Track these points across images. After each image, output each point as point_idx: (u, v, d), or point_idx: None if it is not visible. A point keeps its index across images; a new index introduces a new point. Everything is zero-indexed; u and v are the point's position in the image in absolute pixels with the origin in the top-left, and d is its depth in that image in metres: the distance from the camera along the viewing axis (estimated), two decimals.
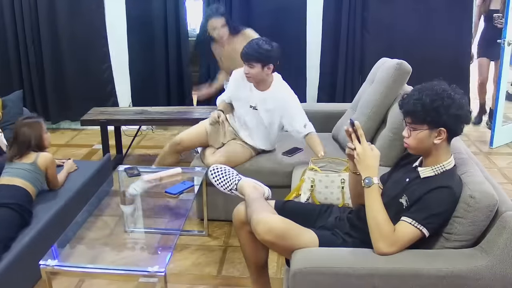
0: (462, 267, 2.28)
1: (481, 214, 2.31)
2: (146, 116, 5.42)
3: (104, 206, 3.65)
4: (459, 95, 2.40)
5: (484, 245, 2.33)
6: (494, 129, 6.01)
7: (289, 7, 6.24)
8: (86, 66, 6.64)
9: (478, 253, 2.32)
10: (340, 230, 2.68)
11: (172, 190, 3.63)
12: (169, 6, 6.30)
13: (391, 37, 6.20)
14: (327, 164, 3.43)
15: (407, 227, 2.33)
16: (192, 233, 4.13)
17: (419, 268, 2.30)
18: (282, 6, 6.25)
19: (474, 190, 2.33)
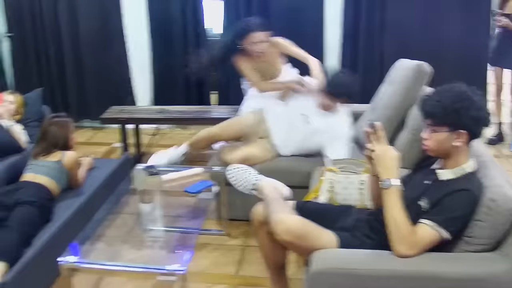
0: (482, 271, 2.28)
1: (502, 217, 2.29)
2: (166, 115, 5.45)
3: (123, 204, 3.68)
4: (478, 96, 2.39)
5: (505, 249, 2.32)
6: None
7: (307, 8, 6.22)
8: (105, 65, 6.68)
9: (499, 257, 2.31)
10: (359, 231, 2.67)
11: (191, 189, 3.64)
12: (187, 6, 6.32)
13: (410, 39, 6.15)
14: (346, 165, 3.42)
15: (427, 230, 2.32)
16: (211, 232, 4.14)
17: (438, 271, 2.29)
18: (299, 7, 6.22)
19: (494, 193, 2.32)
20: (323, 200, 3.32)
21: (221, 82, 6.54)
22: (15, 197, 3.52)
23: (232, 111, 5.39)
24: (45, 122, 4.03)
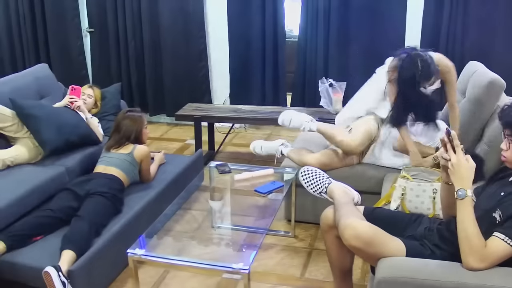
0: None
1: None
2: (240, 114, 5.49)
3: (193, 201, 3.72)
4: None
5: None
6: None
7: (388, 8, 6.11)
8: (184, 63, 6.75)
9: None
10: (428, 241, 2.62)
11: (261, 189, 3.64)
12: (267, 7, 6.33)
13: (489, 41, 5.91)
14: (419, 172, 3.37)
15: (499, 243, 2.25)
16: (278, 233, 4.15)
17: (509, 286, 2.22)
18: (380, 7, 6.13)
19: None
20: (394, 207, 3.29)
21: (296, 83, 6.52)
22: (87, 187, 3.63)
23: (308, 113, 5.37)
24: (119, 116, 4.13)
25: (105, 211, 3.53)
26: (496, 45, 5.76)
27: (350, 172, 4.01)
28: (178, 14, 6.61)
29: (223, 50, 6.67)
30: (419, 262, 2.44)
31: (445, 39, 5.93)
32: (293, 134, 4.45)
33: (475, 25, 5.80)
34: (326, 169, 3.83)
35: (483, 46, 5.86)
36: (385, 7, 6.06)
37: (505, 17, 5.72)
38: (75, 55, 7.03)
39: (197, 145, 5.44)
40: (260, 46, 6.50)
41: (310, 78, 6.39)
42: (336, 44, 6.25)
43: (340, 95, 5.24)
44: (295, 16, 6.51)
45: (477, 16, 5.81)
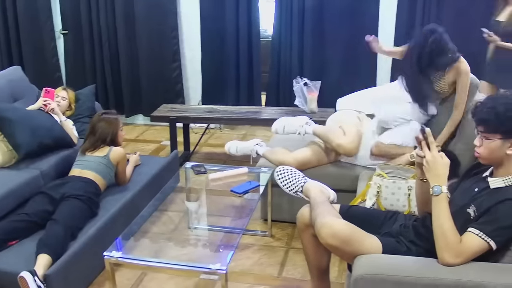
0: None
1: None
2: (215, 114, 5.47)
3: (170, 202, 3.70)
4: None
5: None
6: None
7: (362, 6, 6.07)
8: (158, 63, 6.72)
9: None
10: (404, 237, 2.63)
11: (237, 189, 3.64)
12: (241, 6, 6.32)
13: (467, 28, 5.91)
14: (394, 170, 3.38)
15: (474, 239, 2.27)
16: (255, 233, 4.14)
17: (484, 281, 2.23)
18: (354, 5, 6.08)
19: None
20: (370, 205, 3.30)
21: (271, 82, 6.52)
22: (62, 191, 3.60)
23: (283, 112, 5.39)
24: (94, 118, 4.11)
25: (81, 214, 3.51)
26: (472, 40, 5.78)
27: (326, 171, 4.02)
28: (152, 14, 6.55)
29: (197, 50, 6.64)
30: (395, 259, 2.45)
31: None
32: (269, 134, 4.45)
33: (449, 19, 5.81)
34: (304, 168, 3.84)
35: (458, 40, 5.90)
36: (359, 5, 6.07)
37: (482, 10, 5.75)
38: (49, 57, 6.95)
39: (172, 146, 5.42)
40: (234, 45, 6.48)
41: (284, 78, 6.39)
42: (310, 43, 6.25)
43: (315, 94, 5.25)
44: (269, 15, 6.50)
45: (452, 10, 5.84)
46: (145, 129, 6.97)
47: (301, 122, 4.11)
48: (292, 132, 4.12)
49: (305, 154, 4.02)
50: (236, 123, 6.54)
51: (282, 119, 4.19)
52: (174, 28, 6.58)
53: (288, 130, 4.13)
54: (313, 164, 4.01)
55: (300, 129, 4.07)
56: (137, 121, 7.20)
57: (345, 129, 4.03)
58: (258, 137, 4.71)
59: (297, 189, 3.18)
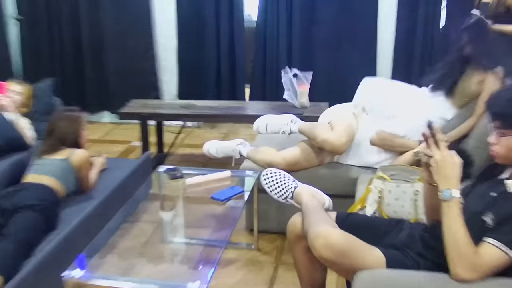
0: None
1: None
2: (193, 111, 5.44)
3: (141, 212, 3.68)
4: None
5: None
6: None
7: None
8: (128, 53, 6.71)
9: None
10: (411, 249, 2.61)
11: (218, 196, 3.62)
12: None
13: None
14: (398, 172, 3.36)
15: (492, 250, 2.24)
16: (239, 246, 4.13)
17: None
18: None
19: None
20: (371, 212, 3.28)
21: (256, 73, 6.51)
22: (14, 200, 3.50)
23: (269, 107, 5.36)
24: (53, 117, 4.05)
25: (36, 227, 3.42)
26: None
27: (319, 174, 4.02)
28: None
29: (172, 39, 6.62)
30: (401, 274, 2.43)
31: (423, 14, 5.98)
32: (254, 133, 4.44)
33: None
34: (294, 170, 3.83)
35: None
36: None
37: None
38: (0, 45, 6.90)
39: (144, 147, 5.39)
40: (215, 33, 6.49)
41: (271, 68, 6.41)
42: (300, 28, 6.27)
43: (306, 87, 5.23)
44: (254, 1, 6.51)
45: None
46: (113, 128, 6.94)
47: (286, 120, 4.11)
48: (276, 131, 4.11)
49: (295, 153, 4.01)
50: (217, 120, 6.51)
51: (265, 116, 4.19)
52: (147, 13, 6.55)
53: (271, 129, 4.13)
54: (305, 165, 4.00)
55: (285, 127, 4.07)
56: (103, 119, 7.18)
57: (334, 124, 4.05)
58: (242, 136, 4.69)
59: (286, 194, 3.15)
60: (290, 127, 4.07)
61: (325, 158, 4.07)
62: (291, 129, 4.07)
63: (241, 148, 4.22)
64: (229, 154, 4.29)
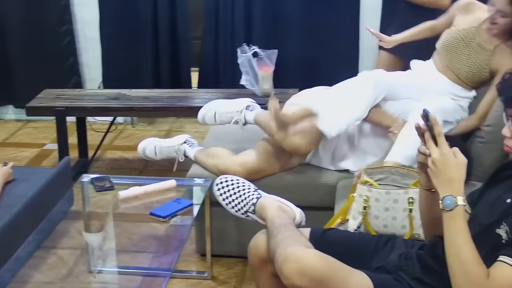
0: None
1: None
2: (124, 102, 5.45)
3: (60, 235, 3.67)
4: None
5: None
6: None
7: None
8: (38, 28, 6.67)
9: None
10: (406, 273, 2.65)
11: (160, 212, 3.61)
12: None
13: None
14: (388, 175, 3.41)
15: (509, 271, 2.29)
16: (189, 275, 4.16)
17: None
18: None
19: None
20: (354, 227, 3.32)
21: (205, 54, 6.53)
22: None
23: (223, 97, 5.38)
24: None
25: None
26: None
27: (288, 180, 4.04)
28: None
29: (93, 7, 6.59)
30: None
31: None
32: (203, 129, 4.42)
33: None
34: (256, 178, 3.84)
35: None
36: None
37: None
38: None
39: (61, 151, 5.37)
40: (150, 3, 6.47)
41: (225, 46, 6.43)
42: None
43: (269, 69, 5.25)
44: None
45: None
46: (19, 127, 6.90)
47: (239, 106, 4.10)
48: (226, 121, 4.11)
49: (256, 157, 4.00)
50: (156, 115, 6.50)
51: (213, 103, 4.18)
52: None
53: (221, 119, 4.12)
54: (269, 171, 3.99)
55: (238, 115, 4.06)
56: (6, 115, 7.12)
57: None
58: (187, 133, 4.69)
59: (247, 208, 3.17)
60: (245, 116, 4.06)
61: (294, 159, 4.09)
62: (245, 119, 4.07)
63: (187, 147, 4.23)
64: (171, 155, 4.30)
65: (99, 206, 4.02)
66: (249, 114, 4.03)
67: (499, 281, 2.27)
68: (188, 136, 4.32)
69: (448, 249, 2.36)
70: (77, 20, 6.72)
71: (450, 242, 2.35)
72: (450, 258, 2.35)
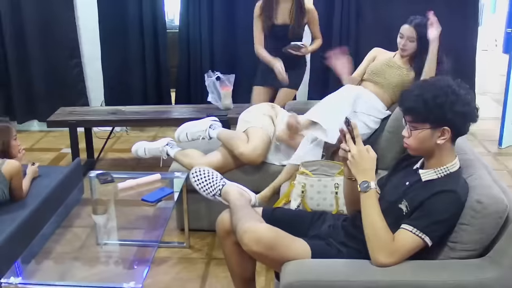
0: (469, 279, 2.28)
1: (490, 220, 2.30)
2: (120, 116, 5.40)
3: (74, 217, 3.63)
4: (464, 90, 2.39)
5: (493, 255, 2.33)
6: (503, 127, 5.99)
7: None
8: (54, 62, 6.58)
9: (487, 264, 2.32)
10: (334, 239, 2.67)
11: (149, 198, 3.60)
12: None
13: (388, 25, 6.07)
14: (319, 167, 3.42)
15: (408, 236, 2.32)
16: (171, 245, 4.12)
17: (421, 280, 2.29)
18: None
19: (481, 195, 2.33)
20: (295, 206, 3.32)
21: (180, 78, 6.50)
22: None
23: (195, 110, 5.38)
24: None
25: None
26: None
27: (244, 172, 4.02)
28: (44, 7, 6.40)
29: (96, 45, 6.54)
30: (325, 263, 2.47)
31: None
32: None
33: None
34: (221, 172, 3.83)
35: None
36: None
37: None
38: None
39: (74, 154, 5.32)
40: (138, 38, 6.43)
41: (195, 72, 6.40)
42: (221, 32, 6.28)
43: (229, 89, 5.25)
44: (176, 3, 6.46)
45: None
46: (42, 136, 6.81)
47: (204, 126, 4.12)
48: (196, 138, 4.13)
49: (219, 157, 4.00)
50: (144, 125, 6.48)
51: (184, 125, 4.20)
52: (71, 20, 6.46)
53: (192, 137, 4.15)
54: (231, 167, 3.99)
55: (204, 134, 4.09)
56: (32, 127, 7.03)
57: (249, 133, 4.01)
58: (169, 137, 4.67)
59: (215, 192, 3.18)
60: (209, 133, 4.08)
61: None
62: (209, 135, 4.09)
63: (168, 149, 4.22)
64: (157, 155, 4.29)
65: (103, 195, 4.00)
66: (212, 132, 4.07)
67: (401, 242, 2.32)
68: (170, 139, 4.30)
69: (364, 220, 2.39)
70: (84, 54, 6.66)
71: (366, 215, 2.39)
72: (366, 227, 2.38)
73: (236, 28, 6.29)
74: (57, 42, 6.53)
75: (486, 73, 9.72)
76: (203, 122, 4.16)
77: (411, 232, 2.31)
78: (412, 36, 4.00)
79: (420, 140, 2.42)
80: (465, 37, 6.22)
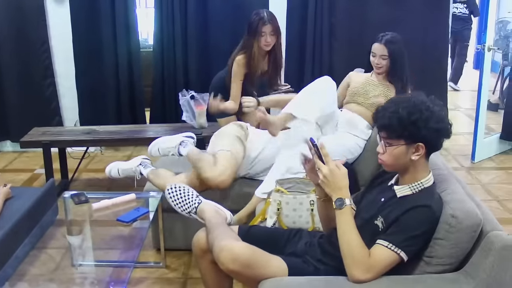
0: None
1: (464, 235, 2.32)
2: (94, 136, 5.37)
3: (49, 238, 3.60)
4: (438, 107, 2.42)
5: (469, 269, 2.35)
6: (475, 142, 6.05)
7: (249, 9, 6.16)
8: (28, 81, 6.54)
9: (462, 278, 2.34)
10: (311, 256, 2.67)
11: (124, 218, 3.58)
12: (118, 14, 6.25)
13: (361, 44, 6.13)
14: (294, 184, 3.43)
15: (384, 251, 2.33)
16: (148, 265, 4.10)
17: None
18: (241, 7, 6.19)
19: (455, 209, 2.35)
20: (271, 224, 3.32)
21: (155, 97, 6.49)
22: None
23: (169, 129, 5.36)
24: None
25: None
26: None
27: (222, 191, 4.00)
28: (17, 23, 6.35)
29: (70, 64, 6.51)
30: (303, 280, 2.48)
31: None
32: None
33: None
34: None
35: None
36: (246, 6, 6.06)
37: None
38: None
39: (47, 175, 5.28)
40: (112, 57, 6.41)
41: (169, 91, 6.38)
42: (195, 51, 6.28)
43: (203, 107, 5.23)
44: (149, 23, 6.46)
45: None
46: (15, 157, 6.76)
47: (174, 142, 4.08)
48: (166, 154, 4.10)
49: (191, 178, 3.94)
50: (119, 144, 6.46)
51: (157, 140, 4.18)
52: (44, 40, 6.43)
53: (163, 152, 4.12)
54: (204, 187, 3.91)
55: (173, 150, 4.05)
56: (5, 148, 6.97)
57: (218, 157, 3.89)
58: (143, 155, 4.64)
59: (190, 209, 3.16)
60: (178, 150, 4.04)
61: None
62: (179, 152, 4.04)
63: (142, 168, 4.20)
64: (131, 175, 4.26)
65: (78, 215, 3.95)
66: (182, 150, 4.02)
67: (377, 257, 2.33)
68: (143, 158, 4.29)
69: (340, 237, 2.39)
70: (58, 74, 6.63)
71: (341, 232, 2.39)
72: (341, 244, 2.38)
73: (210, 46, 6.30)
74: (31, 61, 6.49)
75: (458, 89, 9.89)
76: (174, 139, 4.12)
77: (386, 247, 2.32)
78: (384, 54, 4.05)
79: (395, 156, 2.43)
80: (437, 50, 6.28)
